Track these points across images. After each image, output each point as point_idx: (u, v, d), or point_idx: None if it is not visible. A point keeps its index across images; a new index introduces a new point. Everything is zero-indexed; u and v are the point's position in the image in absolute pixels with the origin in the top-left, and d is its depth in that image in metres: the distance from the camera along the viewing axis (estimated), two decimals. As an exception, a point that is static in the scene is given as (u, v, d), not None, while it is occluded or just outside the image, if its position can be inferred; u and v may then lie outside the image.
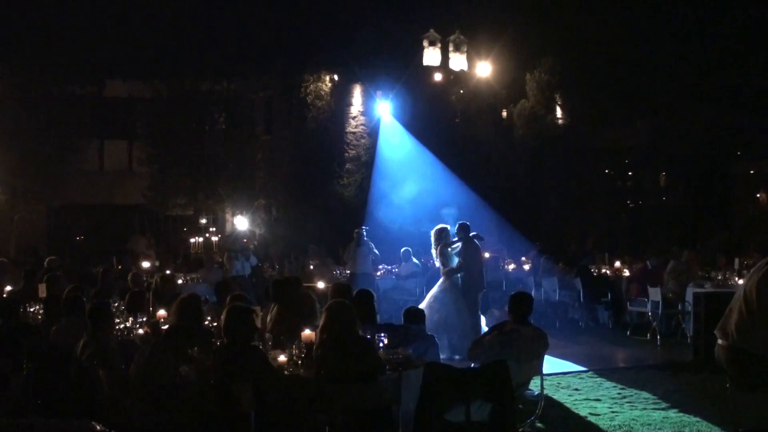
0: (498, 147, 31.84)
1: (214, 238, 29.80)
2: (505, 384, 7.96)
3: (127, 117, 31.62)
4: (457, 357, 14.47)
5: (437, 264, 16.76)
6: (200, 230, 30.99)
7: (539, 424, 10.04)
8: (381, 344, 8.93)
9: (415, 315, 10.81)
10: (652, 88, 32.11)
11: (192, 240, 29.83)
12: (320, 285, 18.09)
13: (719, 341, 7.24)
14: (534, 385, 9.91)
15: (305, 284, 17.11)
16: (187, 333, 8.50)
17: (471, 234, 16.56)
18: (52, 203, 29.37)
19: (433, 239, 16.53)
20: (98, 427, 5.37)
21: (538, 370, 9.48)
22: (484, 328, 15.34)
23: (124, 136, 32.26)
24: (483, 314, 16.51)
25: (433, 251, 16.57)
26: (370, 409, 7.92)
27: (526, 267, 23.78)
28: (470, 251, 16.39)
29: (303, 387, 8.06)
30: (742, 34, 31.87)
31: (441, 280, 16.30)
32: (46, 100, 27.50)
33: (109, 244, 29.17)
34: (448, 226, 16.88)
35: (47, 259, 18.79)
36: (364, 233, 20.98)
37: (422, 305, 14.99)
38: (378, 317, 10.99)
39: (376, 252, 21.14)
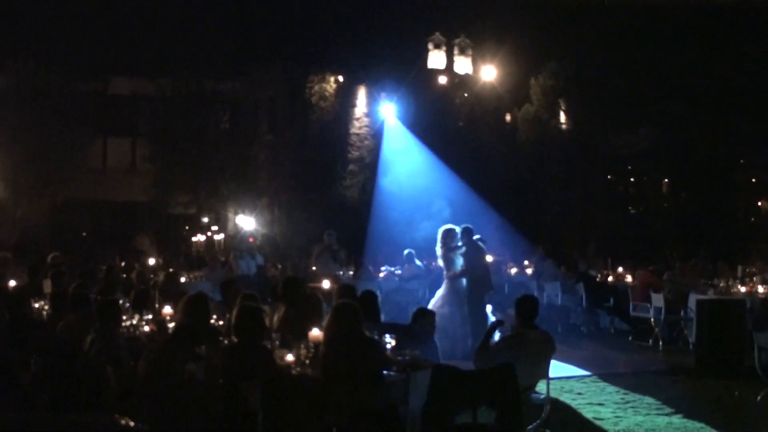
0: (501, 150, 31.87)
1: (217, 237, 29.80)
2: (512, 387, 7.97)
3: (130, 114, 31.71)
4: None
5: (440, 264, 16.78)
6: (202, 229, 30.98)
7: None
8: (388, 345, 8.92)
9: (421, 315, 10.77)
10: (656, 95, 32.20)
11: (194, 238, 29.83)
12: (325, 285, 18.06)
13: None
14: (539, 388, 9.91)
15: (310, 285, 17.15)
16: (195, 331, 8.47)
17: (474, 237, 16.56)
18: (54, 200, 29.36)
19: (439, 239, 16.51)
20: (123, 421, 5.35)
21: (544, 374, 9.46)
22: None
23: (128, 133, 32.31)
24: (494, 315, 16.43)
25: (438, 250, 16.54)
26: (377, 411, 7.90)
27: (529, 271, 23.73)
28: (474, 253, 16.37)
29: (310, 387, 8.04)
30: (747, 42, 31.93)
31: (444, 283, 16.30)
32: (49, 96, 27.49)
33: (111, 241, 29.14)
34: (457, 228, 16.76)
35: (51, 255, 18.76)
36: (335, 238, 21.12)
37: (430, 306, 15.06)
38: (383, 317, 11.02)
39: (342, 259, 21.26)
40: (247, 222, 29.48)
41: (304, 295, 11.49)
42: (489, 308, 16.32)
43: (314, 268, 21.06)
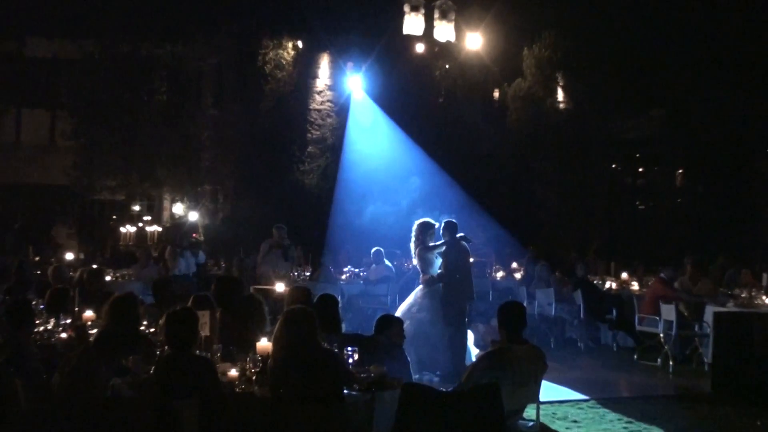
0: (488, 133, 31.86)
1: (150, 228, 29.67)
2: (496, 411, 7.95)
3: (50, 82, 31.44)
4: (426, 376, 14.37)
5: (414, 263, 16.69)
6: (132, 218, 30.87)
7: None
8: (350, 360, 8.90)
9: (387, 324, 10.76)
10: (670, 70, 32.12)
11: (122, 230, 29.69)
12: (278, 288, 18.01)
13: None
14: (528, 414, 9.90)
15: (258, 287, 17.08)
16: (121, 339, 8.44)
17: (458, 235, 16.34)
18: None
19: (413, 235, 16.32)
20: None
21: (533, 397, 9.43)
22: (471, 348, 15.30)
23: (46, 104, 32.10)
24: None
25: (413, 248, 16.39)
26: (336, 436, 7.88)
27: (517, 275, 23.81)
28: (456, 254, 16.07)
29: (257, 408, 8.00)
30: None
31: (420, 286, 16.17)
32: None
33: (23, 231, 28.95)
34: (436, 223, 16.57)
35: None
36: (286, 232, 21.15)
37: (398, 312, 15.00)
38: (343, 327, 10.97)
39: (293, 257, 21.29)
40: (186, 211, 29.36)
41: (241, 297, 11.39)
42: (480, 327, 16.31)
43: (262, 268, 21.04)
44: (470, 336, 16.03)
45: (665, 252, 26.06)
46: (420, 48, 32.27)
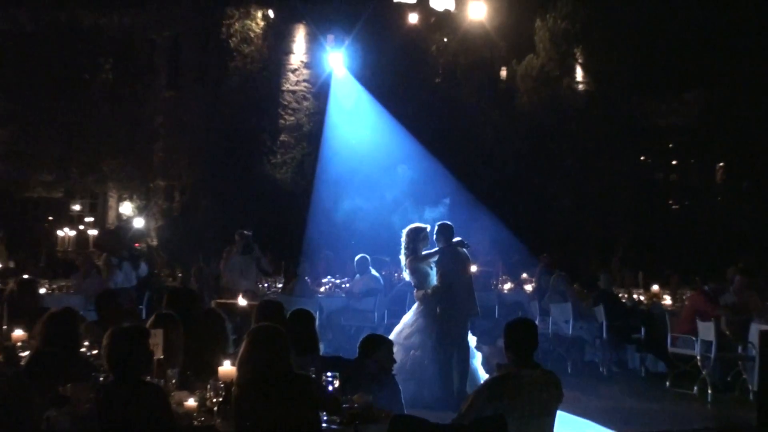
0: (493, 119, 31.93)
1: (92, 231, 29.68)
2: (502, 448, 7.97)
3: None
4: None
5: (406, 277, 16.66)
6: (72, 220, 30.86)
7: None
8: (330, 387, 8.89)
9: (374, 346, 10.75)
10: (709, 45, 32.15)
11: (60, 233, 29.69)
12: (242, 302, 18.03)
13: None
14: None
15: (220, 300, 17.10)
16: (58, 363, 8.42)
17: (454, 240, 16.30)
18: None
19: (403, 243, 16.29)
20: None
21: (547, 431, 9.46)
22: (480, 372, 15.33)
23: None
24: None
25: (403, 259, 16.37)
26: (312, 478, 7.90)
27: (528, 287, 23.87)
28: (452, 263, 16.06)
29: (219, 444, 8.01)
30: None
31: (416, 304, 16.15)
32: None
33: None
34: (427, 227, 16.51)
35: None
36: (251, 239, 21.17)
37: (392, 335, 15.00)
38: (321, 348, 10.96)
39: (266, 267, 21.32)
40: (135, 212, 29.36)
41: (199, 312, 11.36)
42: (473, 340, 16.27)
43: (227, 276, 21.07)
44: (477, 356, 16.05)
45: (703, 260, 26.11)
46: (413, 18, 32.36)
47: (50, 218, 31.84)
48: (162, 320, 9.89)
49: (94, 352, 10.30)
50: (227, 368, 8.70)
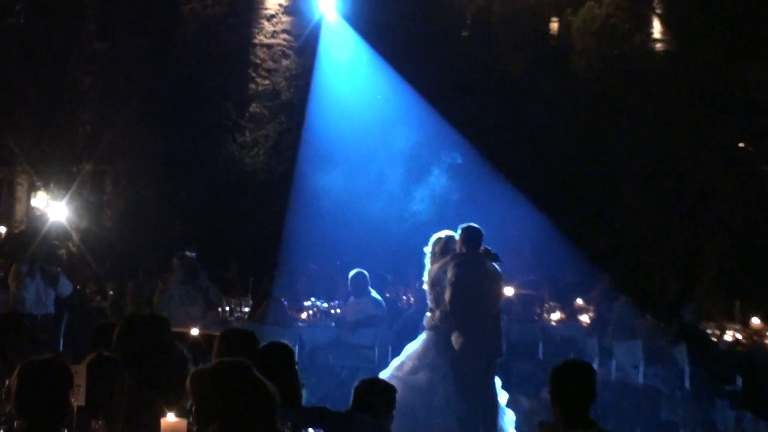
0: (539, 87, 31.97)
1: (-1, 229, 29.90)
2: None
3: None
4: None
5: (428, 296, 16.62)
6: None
7: None
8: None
9: (373, 395, 10.84)
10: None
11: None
12: (194, 332, 18.18)
13: None
14: None
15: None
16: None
17: (480, 249, 16.26)
18: None
19: (428, 256, 16.32)
20: None
21: None
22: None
23: None
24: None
25: (427, 264, 16.42)
26: None
27: (584, 318, 23.92)
28: (473, 275, 16.03)
29: None
30: None
31: (424, 332, 16.20)
32: None
33: None
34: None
35: None
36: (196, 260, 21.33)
37: (385, 374, 15.11)
38: (303, 396, 11.02)
39: (216, 298, 21.45)
40: (52, 205, 29.52)
41: (150, 347, 11.43)
42: (503, 396, 16.22)
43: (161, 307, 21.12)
44: (509, 415, 16.10)
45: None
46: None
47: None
48: (102, 366, 9.52)
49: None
50: (173, 420, 8.09)
